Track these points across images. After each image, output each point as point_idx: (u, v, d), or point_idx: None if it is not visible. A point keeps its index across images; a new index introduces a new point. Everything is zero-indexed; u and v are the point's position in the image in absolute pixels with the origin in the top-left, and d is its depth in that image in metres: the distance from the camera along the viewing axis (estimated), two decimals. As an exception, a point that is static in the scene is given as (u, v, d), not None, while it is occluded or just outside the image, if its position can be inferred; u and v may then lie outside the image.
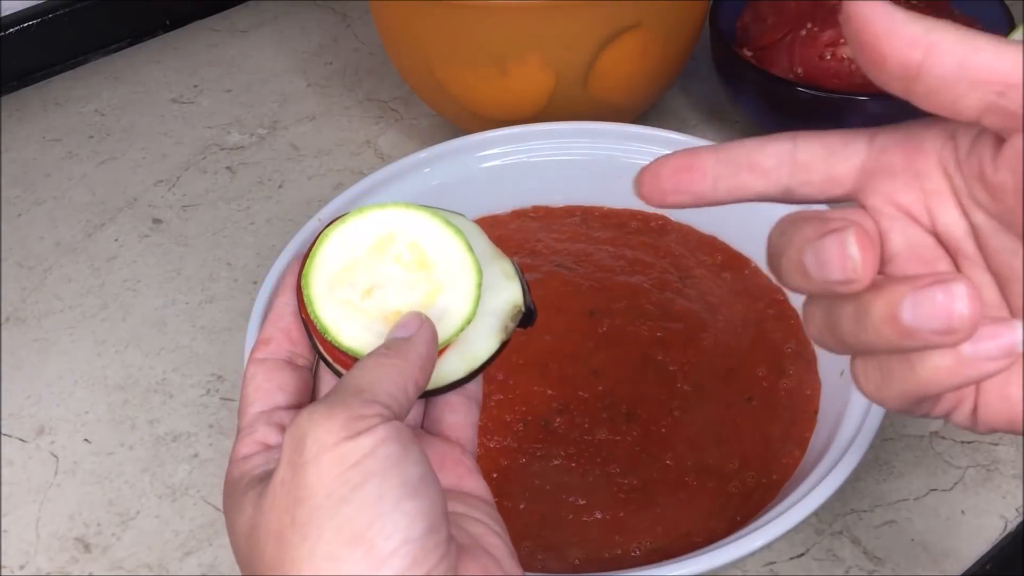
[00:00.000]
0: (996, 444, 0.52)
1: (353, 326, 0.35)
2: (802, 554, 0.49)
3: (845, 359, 0.49)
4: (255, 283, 0.63)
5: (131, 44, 0.84)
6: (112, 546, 0.51)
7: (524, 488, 0.48)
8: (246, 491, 0.32)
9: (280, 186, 0.70)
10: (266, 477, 0.32)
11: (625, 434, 0.49)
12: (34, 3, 0.78)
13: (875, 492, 0.51)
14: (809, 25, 0.65)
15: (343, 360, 0.35)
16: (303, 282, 0.35)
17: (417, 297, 0.35)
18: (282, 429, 0.34)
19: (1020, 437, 0.52)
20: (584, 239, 0.59)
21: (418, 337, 0.34)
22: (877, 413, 0.45)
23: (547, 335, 0.52)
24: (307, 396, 0.37)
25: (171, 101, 0.78)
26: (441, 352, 0.35)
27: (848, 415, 0.46)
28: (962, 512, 0.50)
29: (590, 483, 0.48)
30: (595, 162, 0.60)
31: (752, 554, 0.41)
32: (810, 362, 0.52)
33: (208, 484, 0.53)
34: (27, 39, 0.78)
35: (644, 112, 0.70)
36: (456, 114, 0.67)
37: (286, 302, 0.37)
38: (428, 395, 0.36)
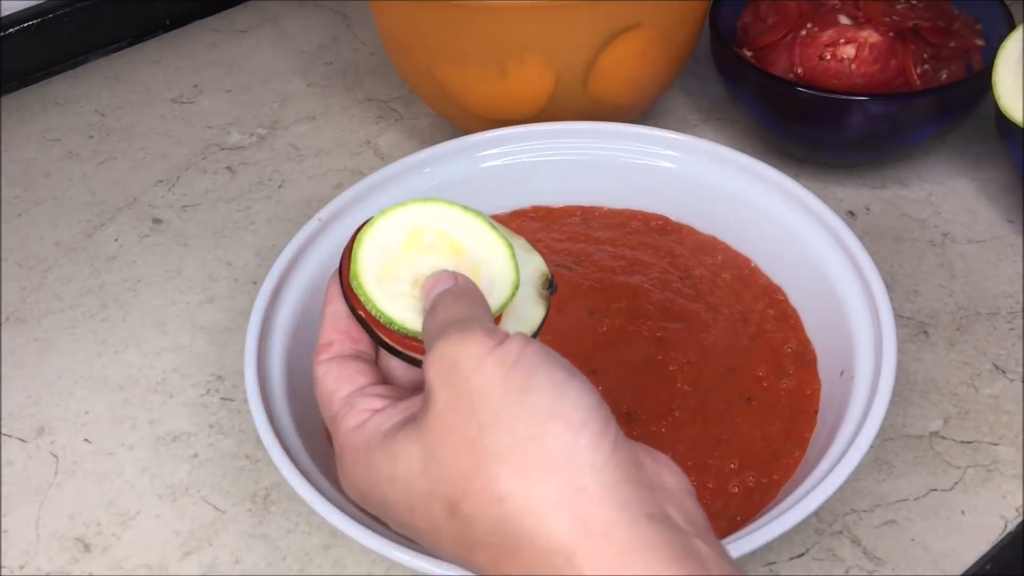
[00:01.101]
0: (996, 444, 0.52)
1: (412, 313, 0.38)
2: (802, 554, 0.49)
3: (845, 359, 0.49)
4: (255, 283, 0.63)
5: (131, 44, 0.84)
6: (112, 546, 0.51)
7: (524, 488, 0.48)
8: (389, 443, 0.34)
9: (280, 186, 0.70)
10: (406, 422, 0.34)
11: (625, 434, 0.49)
12: (34, 3, 0.78)
13: (875, 492, 0.51)
14: (809, 25, 0.65)
15: (412, 345, 0.38)
16: (354, 284, 0.38)
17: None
18: (382, 399, 0.37)
19: (1020, 437, 0.52)
20: (584, 239, 0.59)
21: (460, 280, 0.37)
22: (877, 413, 0.45)
23: (547, 335, 0.52)
24: (382, 381, 0.39)
25: (171, 101, 0.78)
26: (497, 323, 0.38)
27: (848, 415, 0.46)
28: (962, 512, 0.50)
29: (590, 483, 0.48)
30: (595, 162, 0.60)
31: (752, 554, 0.41)
32: (810, 362, 0.52)
33: (208, 484, 0.53)
34: (27, 39, 0.78)
35: (644, 112, 0.70)
36: (456, 114, 0.67)
37: (337, 309, 0.40)
38: None
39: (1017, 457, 0.52)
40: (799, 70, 0.64)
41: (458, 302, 0.36)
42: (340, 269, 0.40)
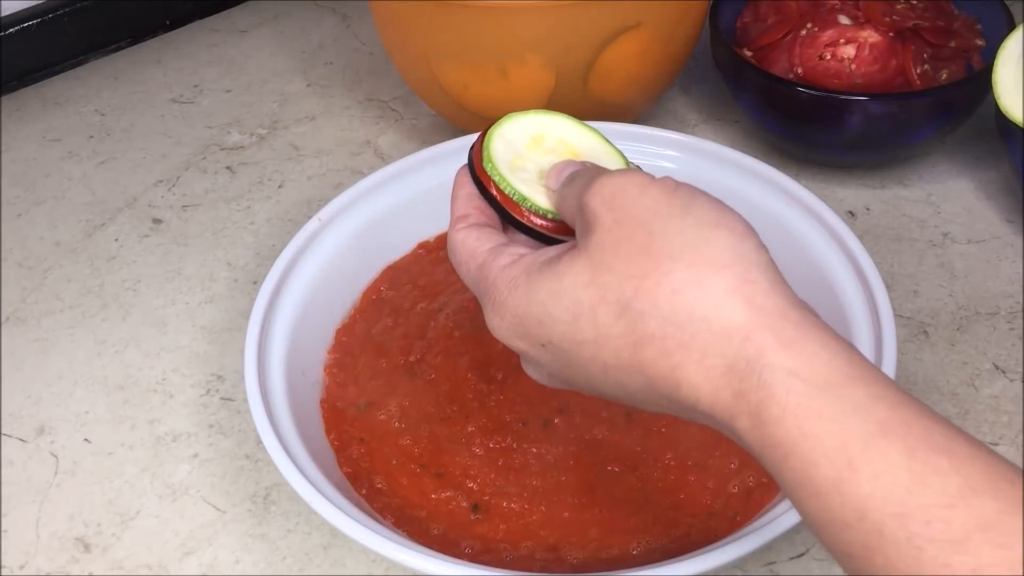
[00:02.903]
0: (996, 444, 0.52)
1: (540, 195, 0.41)
2: (802, 554, 0.49)
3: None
4: (255, 283, 0.63)
5: (131, 44, 0.84)
6: (112, 546, 0.51)
7: (524, 488, 0.48)
8: (552, 264, 0.36)
9: (280, 186, 0.70)
10: (566, 251, 0.36)
11: (625, 434, 0.49)
12: (34, 3, 0.78)
13: (875, 492, 0.51)
14: (809, 25, 0.65)
15: (542, 224, 0.41)
16: (488, 167, 0.41)
17: None
18: (529, 247, 0.39)
19: (1020, 437, 0.52)
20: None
21: (587, 164, 0.40)
22: (877, 413, 0.45)
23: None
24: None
25: (171, 101, 0.78)
26: None
27: (848, 415, 0.46)
28: (962, 512, 0.50)
29: (589, 482, 0.48)
30: (595, 162, 0.60)
31: (752, 554, 0.41)
32: (810, 362, 0.52)
33: (208, 484, 0.53)
34: (27, 39, 0.78)
35: (644, 112, 0.70)
36: (456, 114, 0.67)
37: (469, 191, 0.42)
38: None
39: (1017, 457, 0.52)
40: (799, 70, 0.64)
41: (600, 168, 0.39)
42: (470, 159, 0.43)
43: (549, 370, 0.38)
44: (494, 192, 0.41)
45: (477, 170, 0.42)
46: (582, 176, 0.38)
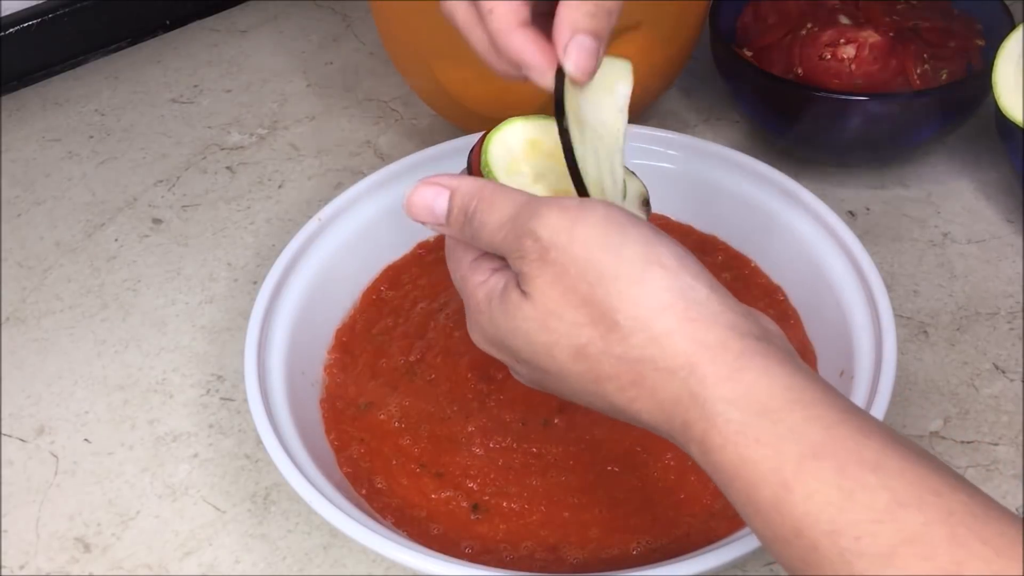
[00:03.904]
0: (996, 444, 0.52)
1: None
2: (802, 554, 0.49)
3: (845, 359, 0.49)
4: (255, 283, 0.63)
5: (131, 44, 0.84)
6: (112, 546, 0.51)
7: (524, 488, 0.48)
8: (506, 302, 0.37)
9: (280, 186, 0.70)
10: (515, 285, 0.37)
11: (625, 434, 0.49)
12: (34, 3, 0.78)
13: (875, 492, 0.50)
14: (809, 25, 0.65)
15: None
16: (485, 171, 0.42)
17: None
18: (500, 260, 0.39)
19: (1020, 437, 0.52)
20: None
21: (460, 187, 0.40)
22: (877, 413, 0.45)
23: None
24: None
25: (171, 101, 0.78)
26: None
27: (848, 415, 0.46)
28: (962, 512, 0.50)
29: (589, 482, 0.48)
30: (595, 162, 0.60)
31: (752, 554, 0.41)
32: (810, 362, 0.52)
33: (208, 484, 0.53)
34: (27, 39, 0.78)
35: (644, 112, 0.70)
36: (456, 114, 0.67)
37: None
38: None
39: (1017, 457, 0.52)
40: (799, 70, 0.64)
41: (496, 197, 0.38)
42: (469, 163, 0.44)
43: (529, 379, 0.40)
44: None
45: (475, 174, 0.43)
46: (486, 220, 0.38)
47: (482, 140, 0.43)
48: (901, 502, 0.29)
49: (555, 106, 0.39)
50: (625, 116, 0.44)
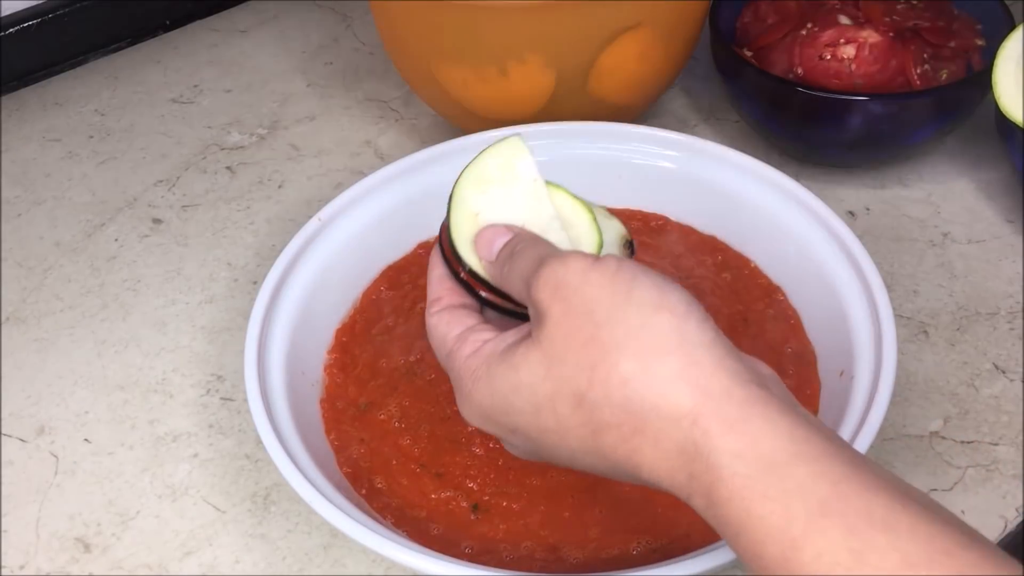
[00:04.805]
0: (996, 444, 0.52)
1: None
2: (802, 554, 0.49)
3: (845, 359, 0.49)
4: (255, 283, 0.63)
5: (131, 44, 0.84)
6: (112, 546, 0.51)
7: (523, 488, 0.48)
8: (508, 357, 0.37)
9: (280, 186, 0.70)
10: (522, 339, 0.38)
11: (625, 434, 0.49)
12: (34, 3, 0.78)
13: (875, 492, 0.50)
14: (809, 25, 0.65)
15: (507, 302, 0.42)
16: (455, 253, 0.43)
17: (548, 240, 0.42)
18: (491, 331, 0.40)
19: (1020, 437, 0.52)
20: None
21: (516, 230, 0.42)
22: (877, 413, 0.45)
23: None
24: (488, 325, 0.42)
25: (171, 101, 0.78)
26: None
27: (848, 415, 0.46)
28: (962, 512, 0.50)
29: (589, 482, 0.48)
30: (595, 162, 0.60)
31: (752, 554, 0.41)
32: (810, 362, 0.52)
33: (208, 484, 0.53)
34: (27, 39, 0.78)
35: (644, 112, 0.70)
36: (456, 114, 0.67)
37: (440, 272, 0.44)
38: None
39: (1017, 457, 0.52)
40: (799, 70, 0.64)
41: (537, 243, 0.40)
42: (440, 238, 0.44)
43: (524, 450, 0.39)
44: (462, 274, 0.43)
45: (446, 251, 0.44)
46: (521, 257, 0.40)
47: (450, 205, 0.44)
48: (911, 563, 0.29)
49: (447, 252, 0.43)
50: (541, 183, 0.44)
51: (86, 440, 0.56)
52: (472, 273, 0.43)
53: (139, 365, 0.60)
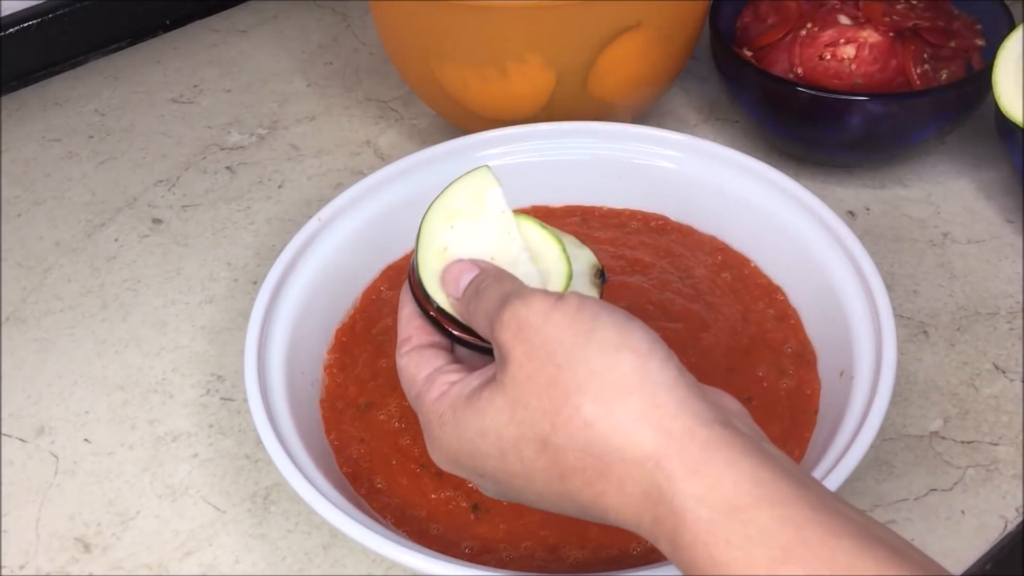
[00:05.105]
0: (996, 444, 0.52)
1: None
2: (802, 554, 0.49)
3: (845, 359, 0.49)
4: (255, 283, 0.63)
5: (131, 44, 0.84)
6: (112, 546, 0.51)
7: (524, 488, 0.48)
8: (473, 401, 0.37)
9: (280, 186, 0.70)
10: (486, 383, 0.37)
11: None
12: (34, 3, 0.78)
13: (875, 492, 0.51)
14: (809, 25, 0.65)
15: (476, 338, 0.41)
16: (424, 290, 0.42)
17: (517, 273, 0.42)
18: (458, 373, 0.40)
19: (1020, 437, 0.52)
20: (584, 239, 0.59)
21: (483, 265, 0.41)
22: (877, 413, 0.45)
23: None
24: (458, 363, 0.42)
25: (171, 101, 0.78)
26: None
27: (848, 415, 0.46)
28: (962, 512, 0.50)
29: (590, 483, 0.48)
30: (595, 162, 0.60)
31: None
32: (810, 362, 0.52)
33: (208, 484, 0.53)
34: (27, 39, 0.78)
35: (644, 112, 0.70)
36: (456, 114, 0.67)
37: (409, 311, 0.44)
38: None
39: (1017, 457, 0.52)
40: (799, 70, 0.64)
41: (502, 280, 0.40)
42: (409, 275, 0.44)
43: (495, 491, 0.39)
44: (431, 312, 0.43)
45: (415, 289, 0.43)
46: (486, 295, 0.39)
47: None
48: None
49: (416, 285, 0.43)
50: (509, 214, 0.43)
51: (86, 440, 0.56)
52: (440, 310, 0.42)
53: (139, 365, 0.60)
